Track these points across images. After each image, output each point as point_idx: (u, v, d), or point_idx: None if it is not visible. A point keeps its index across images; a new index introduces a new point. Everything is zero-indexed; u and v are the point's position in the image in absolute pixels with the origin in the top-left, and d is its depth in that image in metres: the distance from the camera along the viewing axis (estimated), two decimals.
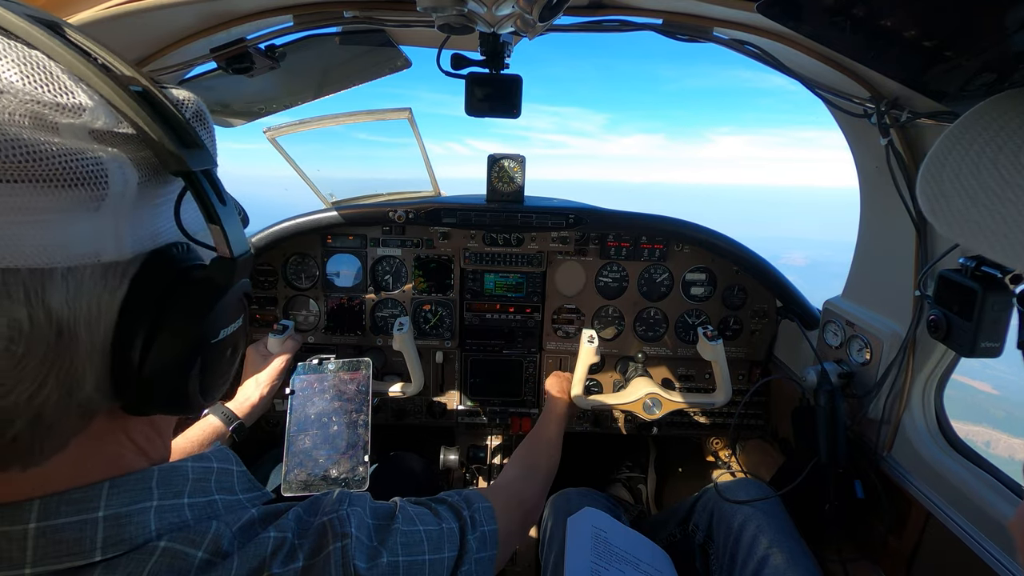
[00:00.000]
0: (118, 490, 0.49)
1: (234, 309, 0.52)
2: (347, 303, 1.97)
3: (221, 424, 1.36)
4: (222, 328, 0.50)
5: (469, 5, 0.92)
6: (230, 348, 0.54)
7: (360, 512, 0.64)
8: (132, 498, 0.49)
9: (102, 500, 0.47)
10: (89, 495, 0.47)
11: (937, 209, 0.46)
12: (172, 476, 0.54)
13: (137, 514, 0.49)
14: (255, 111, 1.65)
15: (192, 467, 0.57)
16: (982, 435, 41.86)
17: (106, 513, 0.47)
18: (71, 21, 0.90)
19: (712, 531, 1.37)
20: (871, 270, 1.48)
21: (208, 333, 0.48)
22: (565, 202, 2.01)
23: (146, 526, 0.49)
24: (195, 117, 0.53)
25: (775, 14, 0.71)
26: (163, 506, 0.51)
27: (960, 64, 0.66)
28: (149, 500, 0.51)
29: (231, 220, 0.49)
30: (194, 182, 0.46)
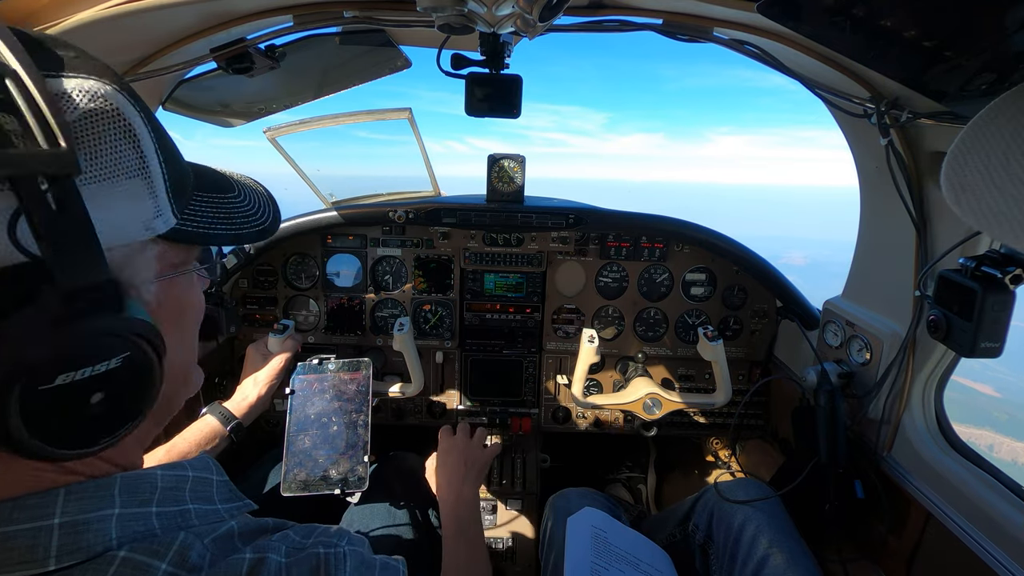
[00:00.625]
0: (75, 497, 0.47)
1: (88, 350, 0.43)
2: (347, 303, 1.97)
3: (219, 424, 1.36)
4: (60, 373, 0.42)
5: (469, 5, 0.92)
6: (86, 397, 0.44)
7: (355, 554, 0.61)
8: (90, 505, 0.47)
9: (58, 507, 0.46)
10: (44, 501, 0.45)
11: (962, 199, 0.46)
12: (138, 484, 0.51)
13: (96, 522, 0.47)
14: (255, 111, 1.65)
15: (162, 475, 0.54)
16: (985, 439, 41.66)
17: (62, 520, 0.45)
18: (70, 21, 0.90)
19: (712, 531, 1.37)
20: (871, 270, 1.48)
21: (29, 378, 0.40)
22: (565, 202, 2.01)
23: (106, 534, 0.47)
24: (93, 116, 0.45)
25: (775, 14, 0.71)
26: (126, 514, 0.49)
27: (960, 64, 0.66)
28: (110, 508, 0.48)
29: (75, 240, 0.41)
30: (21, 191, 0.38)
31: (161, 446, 1.24)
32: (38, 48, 0.44)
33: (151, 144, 0.50)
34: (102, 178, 0.46)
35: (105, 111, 0.45)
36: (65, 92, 0.43)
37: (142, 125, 0.49)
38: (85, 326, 0.43)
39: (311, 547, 0.58)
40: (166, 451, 1.23)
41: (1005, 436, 43.11)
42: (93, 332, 0.44)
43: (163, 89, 1.34)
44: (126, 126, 0.47)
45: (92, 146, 0.45)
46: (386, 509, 1.42)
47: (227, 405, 1.42)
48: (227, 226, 0.62)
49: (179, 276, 0.59)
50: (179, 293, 0.60)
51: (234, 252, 1.80)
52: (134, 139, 0.48)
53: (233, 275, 1.90)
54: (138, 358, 0.47)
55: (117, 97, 0.46)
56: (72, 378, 0.42)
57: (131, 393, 0.48)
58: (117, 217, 0.47)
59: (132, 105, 0.48)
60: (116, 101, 0.46)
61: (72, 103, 0.43)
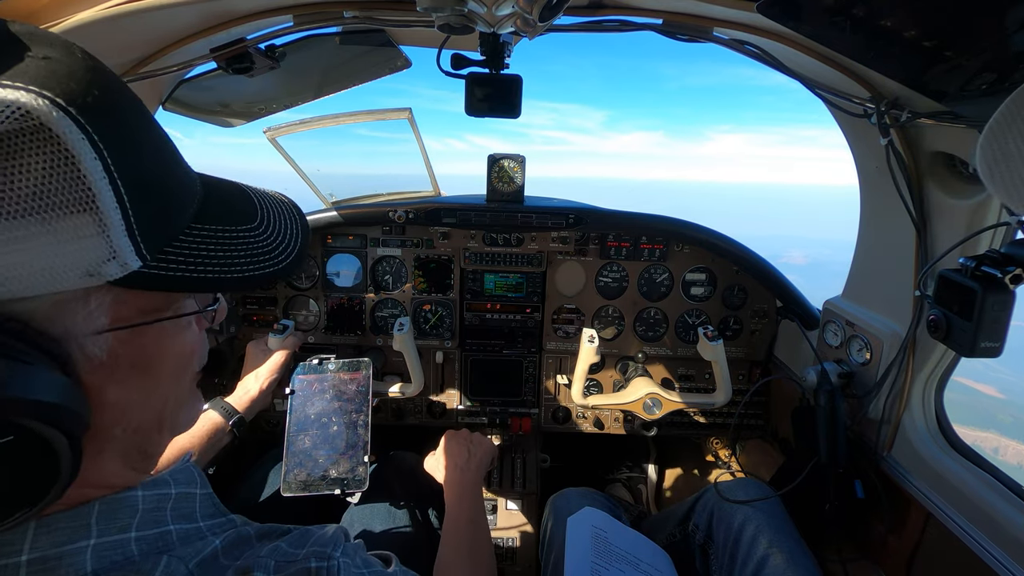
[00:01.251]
0: (46, 530, 0.44)
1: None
2: (347, 303, 1.97)
3: (221, 419, 1.36)
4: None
5: (469, 5, 0.92)
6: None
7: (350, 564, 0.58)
8: (63, 538, 0.44)
9: (26, 543, 0.42)
10: (11, 538, 0.42)
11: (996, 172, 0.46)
12: (117, 509, 0.48)
13: (69, 555, 0.43)
14: (255, 111, 1.65)
15: (143, 496, 0.51)
16: (990, 441, 41.26)
17: (31, 556, 0.42)
18: (71, 21, 0.90)
19: (712, 531, 1.37)
20: (871, 270, 1.48)
21: None
22: (565, 202, 2.01)
23: (80, 568, 0.43)
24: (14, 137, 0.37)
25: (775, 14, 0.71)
26: (103, 544, 0.45)
27: (960, 64, 0.66)
28: (86, 539, 0.45)
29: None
30: None
31: None
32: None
33: (101, 174, 0.41)
34: (20, 213, 0.38)
35: (25, 130, 0.37)
36: None
37: (88, 151, 0.40)
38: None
39: (302, 560, 0.54)
40: (168, 445, 1.23)
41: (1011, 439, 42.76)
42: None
43: (163, 89, 1.34)
44: (62, 152, 0.39)
45: (8, 172, 0.37)
46: (386, 509, 1.42)
47: (229, 400, 1.42)
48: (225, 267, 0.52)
49: (148, 325, 0.50)
50: (151, 340, 0.51)
51: None
52: (72, 166, 0.39)
53: None
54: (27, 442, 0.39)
55: (52, 115, 0.38)
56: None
57: (19, 480, 0.40)
58: (43, 261, 0.39)
59: (77, 126, 0.39)
60: (49, 119, 0.38)
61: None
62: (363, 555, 0.62)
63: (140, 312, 0.49)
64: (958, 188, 1.17)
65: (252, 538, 0.56)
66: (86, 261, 0.42)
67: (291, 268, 0.59)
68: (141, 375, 0.51)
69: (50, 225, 0.39)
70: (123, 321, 0.48)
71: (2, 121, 0.36)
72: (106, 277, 0.43)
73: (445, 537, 1.20)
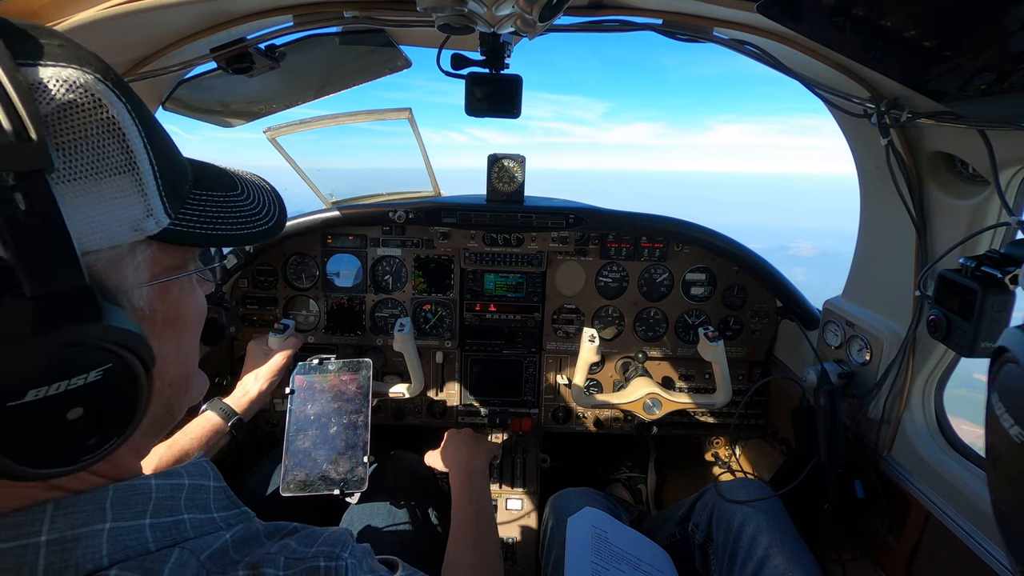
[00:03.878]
0: (63, 512, 0.45)
1: (62, 363, 0.40)
2: (347, 303, 1.97)
3: (219, 420, 1.36)
4: (30, 388, 0.39)
5: (469, 5, 0.92)
6: (62, 413, 0.41)
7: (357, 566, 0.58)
8: (80, 520, 0.45)
9: (45, 524, 0.43)
10: (29, 519, 0.43)
11: None
12: (131, 495, 0.49)
13: (86, 538, 0.44)
14: (255, 111, 1.65)
15: (157, 484, 0.52)
16: None
17: (49, 537, 0.43)
18: (71, 21, 0.90)
19: (712, 531, 1.37)
20: (871, 270, 1.48)
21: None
22: (565, 202, 2.01)
23: (96, 551, 0.44)
24: (71, 108, 0.42)
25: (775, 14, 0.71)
26: (118, 528, 0.47)
27: (960, 64, 0.66)
28: (101, 522, 0.46)
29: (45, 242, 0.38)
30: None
31: (162, 442, 1.23)
32: (16, 35, 0.41)
33: (139, 139, 0.46)
34: (81, 175, 0.42)
35: (84, 103, 0.42)
36: (40, 81, 0.40)
37: (128, 118, 0.45)
38: (57, 337, 0.39)
39: (311, 559, 0.55)
40: (167, 447, 1.23)
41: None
42: (66, 343, 0.40)
43: (163, 89, 1.34)
44: (108, 119, 0.44)
45: (69, 140, 0.42)
46: (386, 509, 1.42)
47: (227, 401, 1.42)
48: (228, 226, 0.58)
49: (175, 280, 0.55)
50: (175, 298, 0.56)
51: (234, 252, 1.80)
52: (119, 133, 0.44)
53: (233, 275, 1.90)
54: (120, 370, 0.44)
55: (99, 87, 0.43)
56: (44, 393, 0.39)
57: (113, 407, 0.45)
58: (100, 217, 0.44)
59: (117, 96, 0.44)
60: (98, 91, 0.43)
61: (47, 94, 0.40)
62: (370, 561, 0.63)
63: (167, 269, 0.54)
64: (958, 188, 1.17)
65: (260, 535, 0.56)
66: (131, 217, 0.47)
67: (279, 227, 0.65)
68: (172, 330, 0.56)
69: (102, 184, 0.44)
70: (159, 275, 0.53)
71: (64, 94, 0.41)
72: (146, 232, 0.48)
73: (453, 530, 1.21)
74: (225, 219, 0.58)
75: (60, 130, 0.41)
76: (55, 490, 0.46)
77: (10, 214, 0.36)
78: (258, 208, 0.63)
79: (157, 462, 1.16)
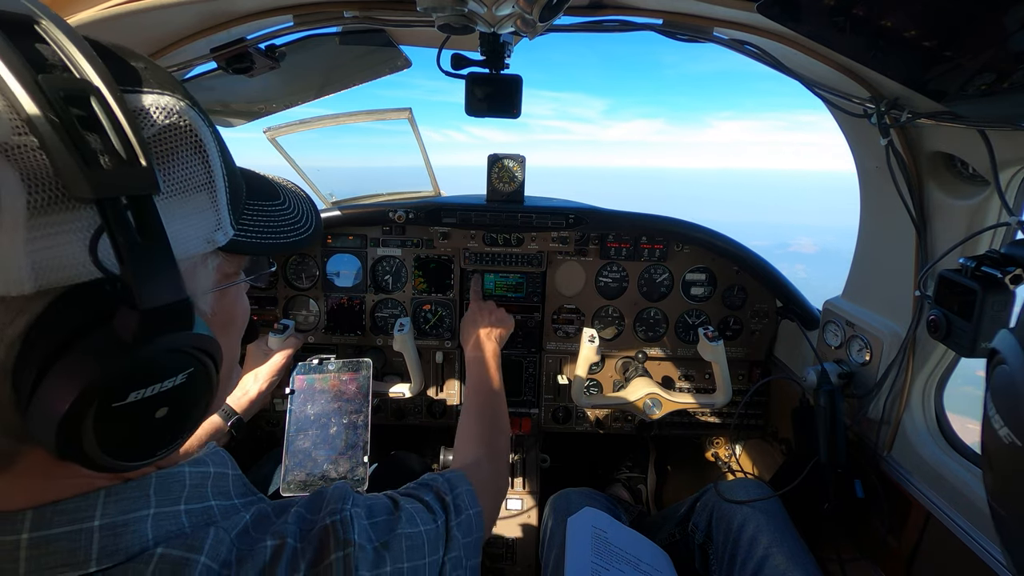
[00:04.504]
0: (115, 498, 0.48)
1: (159, 368, 0.44)
2: (347, 303, 1.97)
3: (219, 419, 1.36)
4: (132, 391, 0.42)
5: (469, 5, 0.92)
6: (152, 412, 0.45)
7: (362, 513, 0.63)
8: (129, 506, 0.48)
9: (98, 509, 0.47)
10: (83, 505, 0.46)
11: None
12: (170, 483, 0.53)
13: (134, 523, 0.48)
14: (255, 111, 1.65)
15: (190, 472, 0.56)
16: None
17: (102, 522, 0.46)
18: (71, 21, 0.90)
19: (712, 531, 1.37)
20: (871, 270, 1.48)
21: (105, 395, 0.41)
22: (565, 202, 2.01)
23: (143, 535, 0.48)
24: (169, 132, 0.46)
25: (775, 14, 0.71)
26: (160, 513, 0.50)
27: (960, 64, 0.66)
28: (146, 508, 0.50)
29: (155, 261, 0.41)
30: (105, 210, 0.38)
31: None
32: (113, 60, 0.44)
33: (217, 158, 0.50)
34: (173, 193, 0.46)
35: (180, 127, 0.46)
36: (143, 108, 0.44)
37: (211, 140, 0.50)
38: (159, 344, 0.42)
39: (320, 521, 0.59)
40: None
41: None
42: (166, 350, 0.43)
43: None
44: (197, 142, 0.48)
45: (166, 162, 0.46)
46: None
47: (227, 401, 1.42)
48: (276, 235, 0.62)
49: (232, 286, 0.60)
50: (230, 302, 0.61)
51: None
52: (203, 154, 0.49)
53: None
54: (200, 372, 0.48)
55: (190, 113, 0.47)
56: (142, 395, 0.43)
57: (192, 406, 0.49)
58: (184, 231, 0.48)
59: (202, 120, 0.49)
60: (189, 117, 0.47)
61: (150, 119, 0.44)
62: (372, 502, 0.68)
63: (227, 276, 0.59)
64: (958, 188, 1.17)
65: (271, 514, 0.60)
66: (206, 230, 0.51)
67: (317, 235, 0.69)
68: (225, 331, 0.60)
69: (188, 201, 0.48)
70: (221, 283, 0.58)
71: (163, 119, 0.45)
72: (217, 244, 0.52)
73: (467, 403, 1.28)
74: (273, 228, 0.62)
75: (158, 153, 0.45)
76: (108, 478, 0.49)
77: (127, 235, 0.39)
78: (298, 216, 0.67)
79: None
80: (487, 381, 1.38)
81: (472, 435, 1.18)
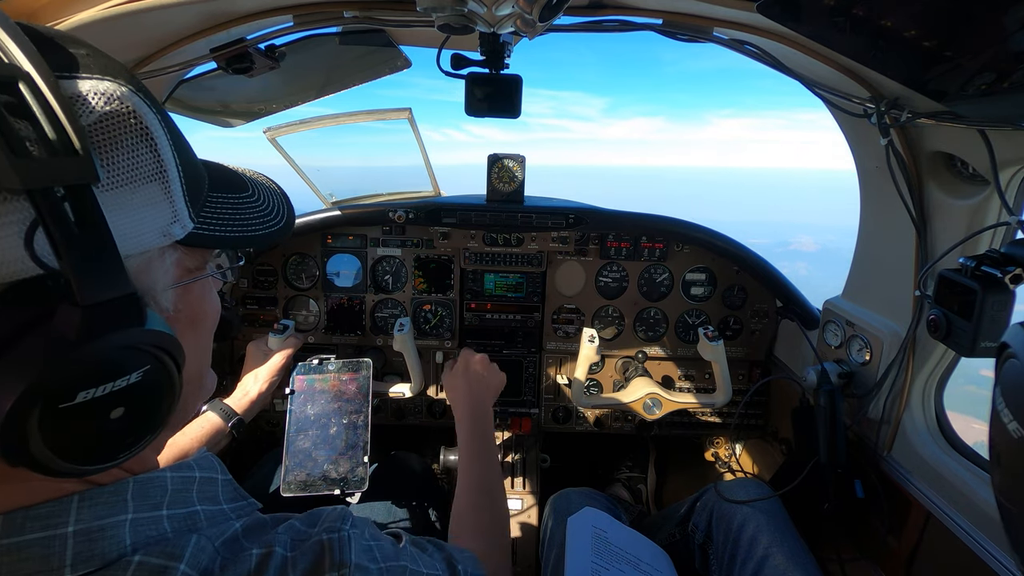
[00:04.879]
0: (89, 503, 0.46)
1: (108, 366, 0.42)
2: (347, 303, 1.97)
3: (220, 420, 1.35)
4: (80, 391, 0.40)
5: (469, 5, 0.92)
6: (106, 412, 0.43)
7: (360, 535, 0.61)
8: (104, 511, 0.47)
9: (72, 515, 0.45)
10: (57, 510, 0.45)
11: None
12: (149, 488, 0.51)
13: (111, 528, 0.46)
14: (255, 111, 1.65)
15: (171, 477, 0.54)
16: None
17: (76, 528, 0.45)
18: (71, 21, 0.90)
19: (711, 531, 1.37)
20: (871, 270, 1.48)
21: (49, 396, 0.39)
22: (565, 202, 2.01)
23: (120, 540, 0.46)
24: (110, 119, 0.43)
25: (775, 14, 0.71)
26: (139, 519, 0.49)
27: (960, 64, 0.66)
28: (124, 513, 0.48)
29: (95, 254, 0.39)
30: (37, 202, 0.36)
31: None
32: (50, 46, 0.42)
33: (168, 146, 0.48)
34: (119, 184, 0.44)
35: (121, 113, 0.43)
36: (80, 95, 0.41)
37: (159, 127, 0.47)
38: (106, 341, 0.41)
39: (315, 535, 0.57)
40: (168, 447, 1.23)
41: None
42: (114, 347, 0.42)
43: (163, 89, 1.34)
44: (143, 129, 0.45)
45: (108, 151, 0.43)
46: (386, 509, 1.42)
47: (228, 401, 1.42)
48: (243, 228, 0.60)
49: (195, 281, 0.57)
50: (195, 298, 0.58)
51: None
52: (151, 142, 0.46)
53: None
54: (157, 371, 0.46)
55: (133, 99, 0.44)
56: (92, 395, 0.41)
57: (151, 406, 0.47)
58: (134, 224, 0.46)
59: (148, 106, 0.46)
60: (132, 103, 0.44)
61: (88, 106, 0.41)
62: (372, 530, 0.65)
63: (190, 270, 0.56)
64: (958, 188, 1.17)
65: (268, 524, 0.59)
66: (160, 223, 0.48)
67: (288, 228, 0.67)
68: (192, 329, 0.58)
69: (136, 193, 0.46)
70: (183, 278, 0.55)
71: (103, 106, 0.42)
72: (174, 237, 0.50)
73: (463, 482, 1.15)
74: (240, 220, 0.60)
75: (98, 142, 0.43)
76: (81, 483, 0.48)
77: (63, 227, 0.37)
78: (269, 209, 0.65)
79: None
80: (482, 454, 1.22)
81: (472, 527, 1.07)
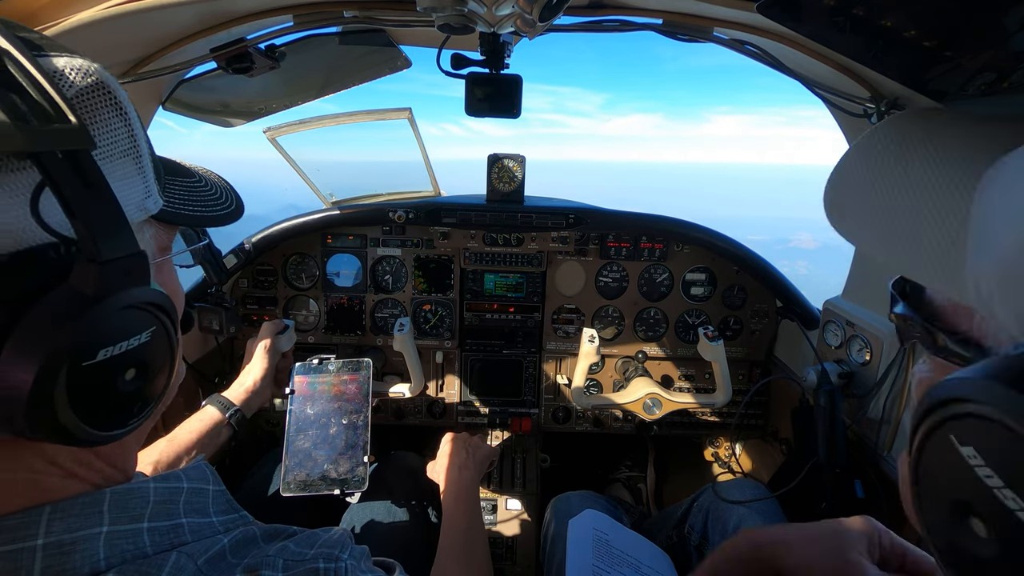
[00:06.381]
0: (61, 515, 0.44)
1: (123, 324, 0.43)
2: (347, 303, 1.97)
3: (219, 413, 1.34)
4: (101, 348, 0.41)
5: (469, 5, 0.92)
6: (122, 373, 0.44)
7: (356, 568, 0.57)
8: (77, 523, 0.44)
9: (42, 527, 0.43)
10: (26, 521, 0.43)
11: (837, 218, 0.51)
12: (128, 499, 0.49)
13: (83, 541, 0.44)
14: (255, 111, 1.65)
15: (155, 488, 0.51)
16: None
17: (46, 541, 0.42)
18: (71, 21, 0.90)
19: (708, 532, 1.37)
20: (871, 270, 1.48)
21: (74, 354, 0.39)
22: (565, 202, 2.01)
23: (93, 555, 0.44)
24: (89, 92, 0.44)
25: (775, 14, 0.71)
26: (115, 532, 0.46)
27: (960, 64, 0.66)
28: (99, 526, 0.45)
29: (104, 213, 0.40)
30: (44, 165, 0.37)
31: (162, 437, 1.23)
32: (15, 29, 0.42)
33: (137, 121, 0.48)
34: (103, 157, 0.45)
35: (98, 87, 0.44)
36: (58, 70, 0.42)
37: (127, 102, 0.47)
38: (123, 298, 0.42)
39: (310, 560, 0.54)
40: (167, 442, 1.22)
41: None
42: (129, 305, 0.43)
43: (163, 89, 1.34)
44: (117, 103, 0.46)
45: (91, 123, 0.44)
46: (386, 509, 1.42)
47: (226, 395, 1.41)
48: (203, 208, 0.60)
49: (167, 259, 0.58)
50: (167, 278, 0.59)
51: (234, 252, 1.80)
52: (125, 116, 0.47)
53: (233, 275, 1.90)
54: (162, 332, 0.47)
55: (104, 74, 0.45)
56: (111, 353, 0.42)
57: (157, 368, 0.48)
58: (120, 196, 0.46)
59: (116, 82, 0.47)
60: (104, 77, 0.45)
61: (67, 80, 0.42)
62: (367, 562, 0.62)
63: (161, 249, 0.57)
64: None
65: (258, 538, 0.56)
66: (137, 197, 0.49)
67: (239, 212, 0.68)
68: None
69: (116, 165, 0.47)
70: (157, 255, 0.55)
71: (81, 79, 0.43)
72: (149, 212, 0.51)
73: (442, 542, 1.20)
74: (198, 202, 0.61)
75: (83, 113, 0.43)
76: (52, 493, 0.45)
77: (73, 189, 0.38)
78: (217, 194, 0.66)
79: (158, 457, 1.16)
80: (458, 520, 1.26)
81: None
